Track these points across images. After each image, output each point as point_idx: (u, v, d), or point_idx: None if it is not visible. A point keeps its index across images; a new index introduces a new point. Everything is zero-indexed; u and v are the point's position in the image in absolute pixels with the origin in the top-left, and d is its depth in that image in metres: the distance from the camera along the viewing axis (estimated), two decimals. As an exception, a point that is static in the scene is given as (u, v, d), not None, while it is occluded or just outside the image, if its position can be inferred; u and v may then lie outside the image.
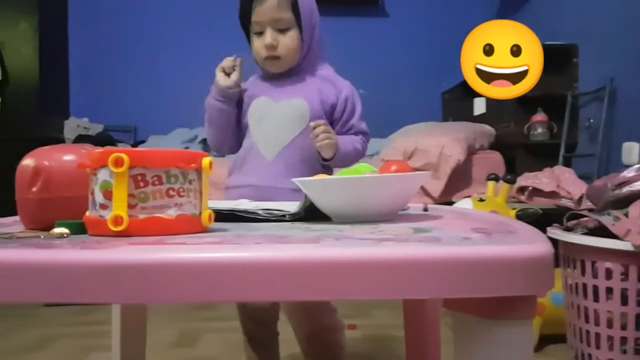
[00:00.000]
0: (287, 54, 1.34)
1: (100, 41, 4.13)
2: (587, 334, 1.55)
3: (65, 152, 0.72)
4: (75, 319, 2.44)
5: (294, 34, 1.33)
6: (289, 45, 1.33)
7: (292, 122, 1.34)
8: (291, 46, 1.34)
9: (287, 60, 1.36)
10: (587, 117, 2.98)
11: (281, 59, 1.35)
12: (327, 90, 1.38)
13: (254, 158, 1.35)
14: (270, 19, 1.31)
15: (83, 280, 0.46)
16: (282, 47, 1.33)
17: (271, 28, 1.32)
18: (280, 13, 1.31)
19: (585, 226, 1.61)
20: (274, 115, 1.35)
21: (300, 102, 1.35)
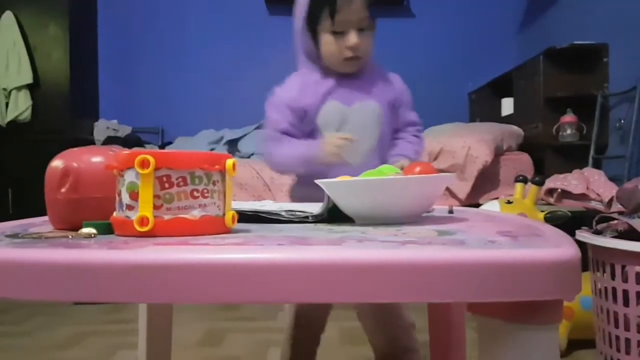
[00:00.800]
0: (367, 54, 1.31)
1: (129, 44, 4.20)
2: (617, 339, 1.51)
3: (93, 154, 0.73)
4: (105, 317, 2.49)
5: (370, 33, 1.30)
6: (368, 45, 1.30)
7: (371, 126, 1.32)
8: (370, 46, 1.31)
9: (364, 60, 1.32)
10: (618, 118, 2.91)
11: (360, 60, 1.31)
12: (386, 86, 1.37)
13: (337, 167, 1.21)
14: (357, 18, 1.26)
15: (109, 279, 0.47)
16: (364, 47, 1.29)
17: (355, 28, 1.27)
18: (364, 12, 1.27)
19: (615, 229, 1.57)
20: (351, 121, 1.31)
21: (373, 104, 1.33)
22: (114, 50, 4.19)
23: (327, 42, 1.29)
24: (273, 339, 2.09)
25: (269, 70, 4.33)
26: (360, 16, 1.26)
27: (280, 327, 2.28)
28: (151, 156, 0.60)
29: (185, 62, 4.23)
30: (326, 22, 1.27)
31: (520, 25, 4.24)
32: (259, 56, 4.22)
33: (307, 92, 1.33)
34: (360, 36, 1.27)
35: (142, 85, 4.18)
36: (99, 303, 2.62)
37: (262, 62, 4.20)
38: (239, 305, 2.62)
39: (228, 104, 4.18)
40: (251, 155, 3.52)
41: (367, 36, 1.28)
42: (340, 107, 1.32)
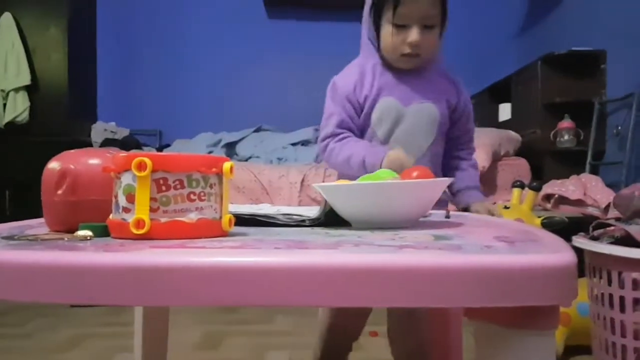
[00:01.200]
0: (427, 53, 1.25)
1: (128, 46, 4.21)
2: (613, 345, 1.51)
3: (90, 156, 0.73)
4: (103, 319, 2.48)
5: (437, 31, 1.24)
6: (432, 44, 1.24)
7: (425, 130, 1.28)
8: (434, 45, 1.25)
9: (425, 59, 1.27)
10: (615, 124, 2.92)
11: (420, 58, 1.25)
12: (450, 90, 1.32)
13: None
14: (421, 15, 1.20)
15: (104, 282, 0.47)
16: (425, 46, 1.23)
17: (418, 24, 1.21)
18: (431, 9, 1.21)
19: (612, 235, 1.57)
20: (406, 122, 1.27)
21: (430, 107, 1.28)
22: (113, 53, 4.20)
23: (387, 33, 1.23)
24: (271, 342, 2.09)
25: (268, 74, 4.36)
26: (426, 12, 1.20)
27: (278, 330, 2.28)
28: (148, 159, 0.60)
29: (184, 64, 4.23)
30: (389, 12, 1.22)
31: (519, 31, 4.25)
32: (258, 59, 4.23)
33: (364, 83, 1.28)
34: (423, 33, 1.21)
35: (140, 88, 4.18)
36: (98, 306, 2.62)
37: (261, 65, 4.21)
38: (237, 309, 2.62)
39: (226, 107, 4.19)
40: (249, 158, 3.52)
41: (432, 34, 1.22)
42: (396, 105, 1.27)
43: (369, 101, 1.27)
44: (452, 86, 1.33)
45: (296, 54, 4.25)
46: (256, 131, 3.76)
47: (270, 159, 3.46)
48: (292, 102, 4.17)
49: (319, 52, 4.14)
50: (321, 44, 4.19)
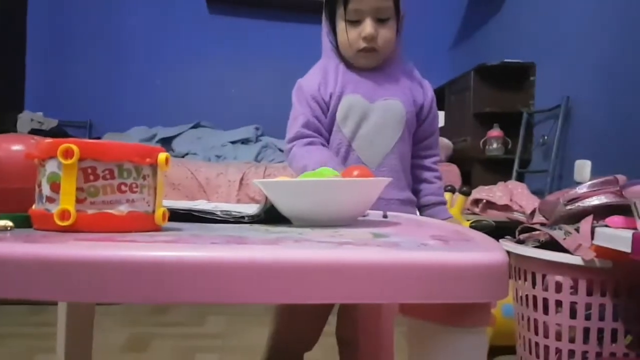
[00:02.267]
0: (384, 47, 1.24)
1: (60, 32, 4.02)
2: (537, 346, 1.58)
3: (13, 142, 0.68)
4: (23, 319, 2.35)
5: (392, 24, 1.23)
6: (387, 37, 1.23)
7: (391, 127, 1.26)
8: (389, 38, 1.24)
9: (383, 53, 1.26)
10: (542, 134, 3.07)
11: (378, 52, 1.24)
12: (416, 89, 1.32)
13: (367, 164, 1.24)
14: (372, 7, 1.20)
15: (23, 275, 0.43)
16: (381, 39, 1.22)
17: (371, 17, 1.21)
18: (383, 2, 1.21)
19: (537, 239, 1.64)
20: (372, 118, 1.25)
21: (397, 103, 1.27)
22: (43, 38, 3.99)
23: (342, 30, 1.24)
24: (200, 345, 2.04)
25: (207, 69, 4.27)
26: (377, 4, 1.20)
27: (208, 332, 2.24)
28: (75, 146, 0.57)
29: (119, 53, 4.08)
30: (340, 9, 1.22)
31: (453, 42, 4.39)
32: (198, 54, 4.15)
33: (328, 81, 1.27)
34: (378, 26, 1.21)
35: (71, 76, 3.99)
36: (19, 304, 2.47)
37: (201, 61, 4.13)
38: (166, 310, 2.55)
39: (163, 101, 4.07)
40: (186, 154, 3.44)
41: (387, 28, 1.22)
42: (362, 102, 1.25)
43: (334, 99, 1.25)
44: (419, 86, 1.33)
45: (237, 51, 4.20)
46: (194, 127, 3.69)
47: (209, 156, 3.39)
48: (232, 100, 4.11)
49: (260, 50, 4.12)
50: (263, 42, 4.17)
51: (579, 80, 2.78)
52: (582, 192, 1.55)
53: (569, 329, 1.51)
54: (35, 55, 3.98)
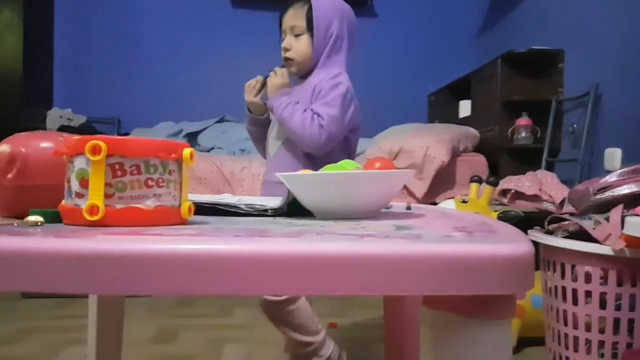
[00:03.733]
0: (298, 57, 1.53)
1: (86, 31, 4.08)
2: (566, 337, 1.56)
3: (42, 139, 0.70)
4: (53, 312, 2.41)
5: (305, 39, 1.52)
6: (299, 49, 1.52)
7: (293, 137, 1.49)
8: (301, 50, 1.52)
9: (299, 63, 1.54)
10: (571, 122, 3.01)
11: (294, 61, 1.54)
12: (317, 89, 1.49)
13: (267, 157, 1.64)
14: (288, 26, 1.53)
15: (55, 269, 0.45)
16: (294, 51, 1.53)
17: (289, 34, 1.54)
18: (295, 21, 1.52)
19: (566, 230, 1.62)
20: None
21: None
22: (70, 37, 4.06)
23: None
24: (228, 336, 2.07)
25: (231, 63, 4.29)
26: (292, 23, 1.52)
27: (235, 323, 2.26)
28: (103, 142, 0.58)
29: (144, 51, 4.13)
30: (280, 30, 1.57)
31: (480, 29, 4.32)
32: (222, 48, 4.17)
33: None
34: (293, 40, 1.53)
35: (98, 74, 4.05)
36: (49, 297, 2.54)
37: (224, 55, 4.15)
38: (194, 302, 2.58)
39: (188, 96, 4.11)
40: (211, 149, 3.47)
41: (300, 41, 1.52)
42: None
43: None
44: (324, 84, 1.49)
45: (260, 44, 4.19)
46: (219, 122, 3.71)
47: (233, 150, 3.42)
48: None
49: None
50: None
51: (608, 66, 2.71)
52: (612, 180, 1.51)
53: (598, 319, 1.48)
54: (63, 52, 4.05)
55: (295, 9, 1.52)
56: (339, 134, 1.45)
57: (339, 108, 1.44)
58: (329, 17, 1.50)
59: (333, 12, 1.51)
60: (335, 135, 1.44)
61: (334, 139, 1.44)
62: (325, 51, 1.51)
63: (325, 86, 1.47)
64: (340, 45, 1.53)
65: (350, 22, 1.55)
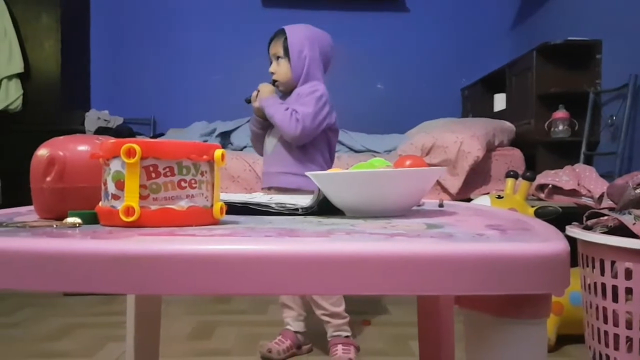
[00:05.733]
0: (282, 78, 1.85)
1: (122, 34, 4.17)
2: (606, 334, 1.52)
3: (79, 143, 0.72)
4: (94, 309, 2.48)
5: (284, 63, 1.84)
6: (281, 72, 1.85)
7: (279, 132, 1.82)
8: (283, 72, 1.84)
9: (284, 83, 1.86)
10: (610, 115, 2.92)
11: (280, 82, 1.86)
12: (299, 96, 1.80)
13: (265, 152, 1.93)
14: (272, 53, 1.87)
15: (93, 269, 0.46)
16: (278, 73, 1.86)
17: (274, 60, 1.86)
18: (276, 49, 1.85)
19: (605, 225, 1.58)
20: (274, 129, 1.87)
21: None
22: (106, 40, 4.16)
23: None
24: (263, 332, 2.09)
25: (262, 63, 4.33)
26: (274, 51, 1.86)
27: (271, 320, 2.28)
28: (137, 145, 0.59)
29: (178, 53, 4.20)
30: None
31: (514, 21, 4.24)
32: (253, 48, 4.18)
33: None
34: (276, 65, 1.85)
35: (134, 76, 4.14)
36: (89, 294, 2.61)
37: (256, 54, 4.16)
38: (230, 299, 2.62)
39: (221, 96, 4.15)
40: (244, 147, 3.50)
41: (281, 65, 1.84)
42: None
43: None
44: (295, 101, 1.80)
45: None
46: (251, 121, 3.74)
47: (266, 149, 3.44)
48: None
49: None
50: (316, 33, 4.17)
51: (649, 56, 2.63)
52: (654, 174, 1.47)
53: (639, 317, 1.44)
54: (99, 56, 4.15)
55: (276, 40, 1.85)
56: (312, 128, 1.75)
57: (313, 107, 1.75)
58: (301, 45, 1.81)
59: (304, 39, 1.81)
60: (309, 128, 1.75)
61: (308, 131, 1.75)
62: (304, 72, 1.80)
63: (304, 92, 1.80)
64: (316, 66, 1.82)
65: (322, 46, 1.85)
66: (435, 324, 1.08)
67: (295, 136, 1.75)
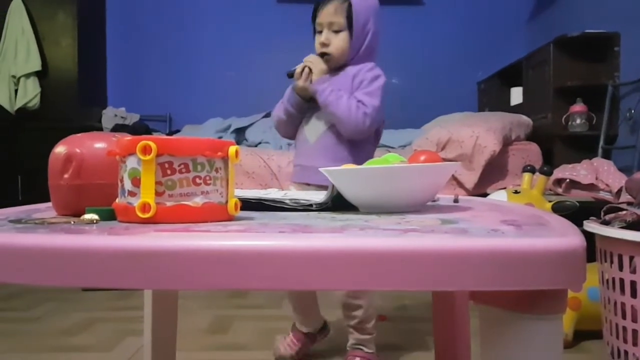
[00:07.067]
0: (337, 52, 1.58)
1: (138, 31, 4.20)
2: (624, 330, 1.51)
3: (96, 140, 0.73)
4: (113, 303, 2.51)
5: (344, 36, 1.57)
6: (338, 45, 1.57)
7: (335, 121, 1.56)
8: (340, 46, 1.57)
9: (337, 57, 1.59)
10: (628, 108, 2.88)
11: (332, 56, 1.58)
12: (358, 79, 1.57)
13: (301, 142, 1.67)
14: (327, 21, 1.57)
15: (109, 265, 0.47)
16: (333, 46, 1.57)
17: (327, 29, 1.57)
18: (335, 17, 1.56)
19: (623, 220, 1.56)
20: (317, 107, 1.59)
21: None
22: (122, 38, 4.19)
23: (315, 40, 1.62)
24: (280, 327, 2.10)
25: (277, 58, 4.32)
26: (330, 20, 1.56)
27: (287, 314, 2.29)
28: (153, 142, 0.60)
29: (193, 49, 4.22)
30: (314, 23, 1.62)
31: (530, 14, 4.19)
32: (267, 44, 4.20)
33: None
34: (332, 36, 1.57)
35: (150, 73, 4.18)
36: (107, 289, 2.65)
37: (270, 50, 4.18)
38: (246, 293, 2.63)
39: (236, 93, 4.18)
40: (259, 144, 3.52)
41: (339, 37, 1.57)
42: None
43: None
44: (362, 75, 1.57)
45: (305, 38, 4.22)
46: (266, 116, 3.75)
47: (280, 144, 3.45)
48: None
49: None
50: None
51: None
52: (674, 168, 1.45)
53: (660, 313, 1.42)
54: (116, 53, 4.19)
55: (334, 6, 1.55)
56: (378, 123, 1.58)
57: (379, 99, 1.54)
58: (367, 16, 1.56)
59: (371, 10, 1.57)
60: (376, 123, 1.55)
61: (374, 127, 1.56)
62: (363, 48, 1.58)
63: (367, 77, 1.56)
64: (374, 42, 1.59)
65: (381, 20, 1.60)
66: (450, 319, 1.08)
67: (363, 130, 1.53)
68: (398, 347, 1.92)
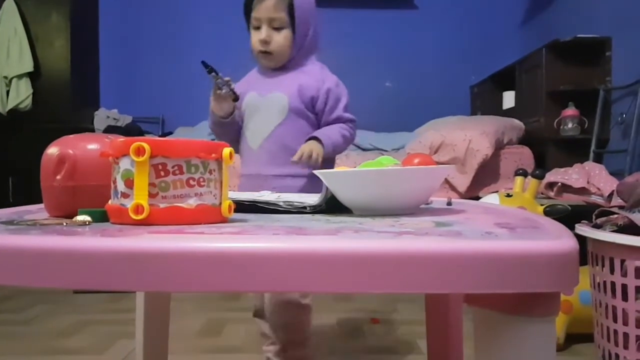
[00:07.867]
0: (278, 50, 1.47)
1: (130, 33, 4.19)
2: (615, 333, 1.51)
3: (89, 141, 0.73)
4: (105, 306, 2.50)
5: (286, 33, 1.46)
6: (280, 43, 1.46)
7: (273, 115, 1.47)
8: (282, 44, 1.46)
9: (278, 56, 1.48)
10: (620, 112, 2.90)
11: (273, 55, 1.47)
12: (308, 84, 1.47)
13: (245, 150, 1.54)
14: (266, 17, 1.44)
15: (102, 267, 0.47)
16: (274, 44, 1.46)
17: (267, 25, 1.45)
18: (275, 13, 1.44)
19: (615, 223, 1.57)
20: (260, 109, 1.50)
21: (280, 95, 1.47)
22: (115, 40, 4.18)
23: (251, 35, 1.50)
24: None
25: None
26: (272, 15, 1.44)
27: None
28: (147, 144, 0.60)
29: (186, 51, 4.20)
30: (249, 18, 1.50)
31: (523, 18, 4.21)
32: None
33: (241, 82, 1.57)
34: (273, 33, 1.45)
35: (142, 75, 4.16)
36: (99, 292, 2.63)
37: (263, 53, 4.18)
38: (239, 296, 2.63)
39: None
40: (252, 146, 3.51)
41: (282, 34, 1.45)
42: (256, 97, 1.51)
43: (242, 96, 1.51)
44: (313, 81, 1.48)
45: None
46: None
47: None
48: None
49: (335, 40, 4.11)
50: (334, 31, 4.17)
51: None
52: (665, 172, 1.46)
53: (651, 316, 1.43)
54: (108, 55, 4.18)
55: (275, 1, 1.43)
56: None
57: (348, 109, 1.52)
58: (309, 11, 1.47)
59: (313, 8, 1.50)
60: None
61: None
62: (305, 45, 1.49)
63: (338, 91, 1.50)
64: (316, 39, 1.52)
65: (320, 21, 1.53)
66: (443, 322, 1.08)
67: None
68: (391, 350, 1.92)
